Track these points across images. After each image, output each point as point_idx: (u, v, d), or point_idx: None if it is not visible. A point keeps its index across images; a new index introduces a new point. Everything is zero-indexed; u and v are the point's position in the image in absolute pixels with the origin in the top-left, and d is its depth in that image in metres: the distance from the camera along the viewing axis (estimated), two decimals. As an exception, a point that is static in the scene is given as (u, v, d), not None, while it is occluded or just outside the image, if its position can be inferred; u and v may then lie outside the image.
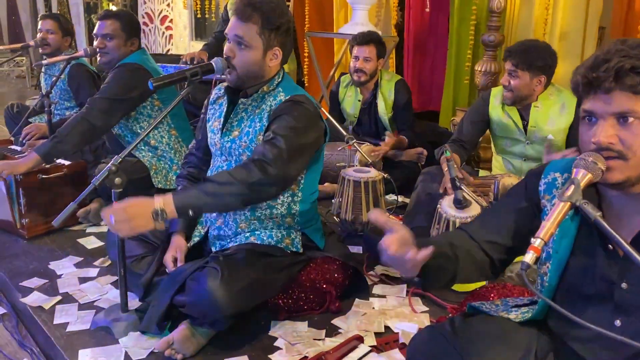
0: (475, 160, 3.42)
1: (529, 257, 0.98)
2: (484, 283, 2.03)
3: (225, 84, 1.85)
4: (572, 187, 1.01)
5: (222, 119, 1.84)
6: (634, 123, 1.02)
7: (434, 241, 1.20)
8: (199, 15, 6.18)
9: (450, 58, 4.05)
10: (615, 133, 1.04)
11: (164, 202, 1.49)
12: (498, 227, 1.29)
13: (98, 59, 2.68)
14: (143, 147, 2.66)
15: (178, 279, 1.67)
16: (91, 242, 2.51)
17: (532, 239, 0.99)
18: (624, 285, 1.12)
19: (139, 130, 2.65)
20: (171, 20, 6.51)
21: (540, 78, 2.41)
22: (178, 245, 1.82)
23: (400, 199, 2.98)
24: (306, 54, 4.49)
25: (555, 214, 1.00)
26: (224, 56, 1.73)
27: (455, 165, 2.21)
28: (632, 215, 1.12)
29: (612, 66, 1.02)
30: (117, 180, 1.67)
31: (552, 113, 2.46)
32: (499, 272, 1.34)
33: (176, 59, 4.33)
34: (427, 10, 4.07)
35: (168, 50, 6.60)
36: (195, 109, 3.87)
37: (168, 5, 6.46)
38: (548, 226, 0.99)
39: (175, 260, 1.80)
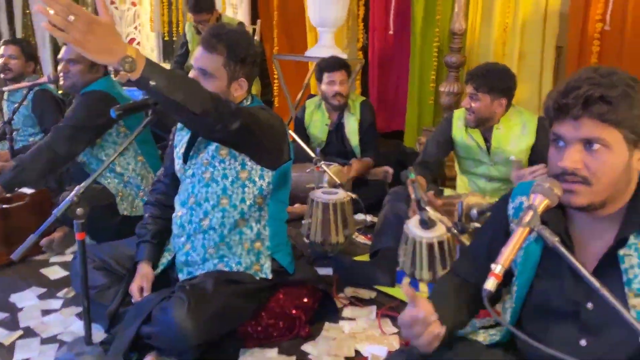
0: (441, 178, 3.48)
1: (489, 283, 1.00)
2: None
3: None
4: (531, 212, 1.04)
5: (185, 146, 1.83)
6: (600, 150, 1.05)
7: (446, 314, 1.21)
8: (166, 38, 6.16)
9: (413, 79, 4.14)
10: (582, 159, 1.06)
11: (137, 53, 1.29)
12: (485, 265, 1.30)
13: (60, 82, 2.65)
14: (109, 174, 2.63)
15: (144, 309, 1.65)
16: (55, 272, 2.45)
17: (493, 265, 1.01)
18: (589, 305, 1.14)
19: (104, 158, 2.61)
20: (138, 43, 6.47)
21: (501, 100, 2.48)
22: (144, 274, 1.79)
23: (369, 218, 3.00)
24: (275, 76, 4.52)
25: (515, 239, 1.03)
26: None
27: (420, 187, 2.25)
28: (598, 237, 1.15)
29: (582, 94, 1.04)
30: (79, 210, 1.64)
31: (514, 134, 2.53)
32: (496, 302, 1.36)
33: None
34: (391, 32, 4.16)
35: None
36: (164, 133, 3.84)
37: (135, 28, 6.42)
38: (507, 252, 1.02)
39: (141, 290, 1.77)
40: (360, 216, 3.04)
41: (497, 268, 1.01)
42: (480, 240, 1.39)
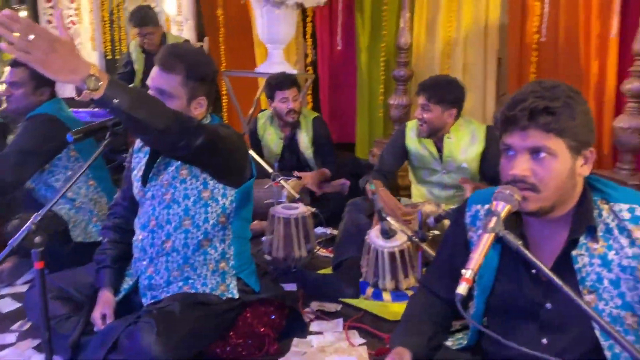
0: (395, 188, 3.56)
1: (461, 287, 1.04)
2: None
3: None
4: (494, 218, 1.09)
5: (143, 168, 1.81)
6: (546, 158, 1.14)
7: (415, 340, 1.32)
8: (109, 57, 6.03)
9: (362, 92, 4.23)
10: (529, 167, 1.14)
11: (99, 72, 1.29)
12: (450, 277, 1.35)
13: (3, 106, 2.56)
14: (60, 200, 2.54)
15: (109, 337, 1.60)
16: (7, 305, 2.33)
17: (463, 271, 1.05)
18: (548, 305, 1.22)
19: (54, 184, 2.52)
20: (79, 62, 6.31)
21: (451, 111, 2.58)
22: (106, 301, 1.74)
23: (329, 231, 3.03)
24: (224, 92, 4.51)
25: (482, 245, 1.08)
26: None
27: (380, 198, 2.30)
28: (551, 238, 1.23)
29: (527, 106, 1.13)
30: (38, 239, 1.58)
31: (464, 143, 2.63)
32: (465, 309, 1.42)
33: (87, 103, 4.18)
34: (339, 47, 4.24)
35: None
36: (112, 154, 3.76)
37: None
38: (476, 257, 1.07)
39: (104, 317, 1.72)
40: (320, 229, 3.06)
41: (468, 273, 1.05)
42: (443, 253, 1.45)
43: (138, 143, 1.90)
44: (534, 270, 1.22)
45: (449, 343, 1.41)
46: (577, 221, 1.20)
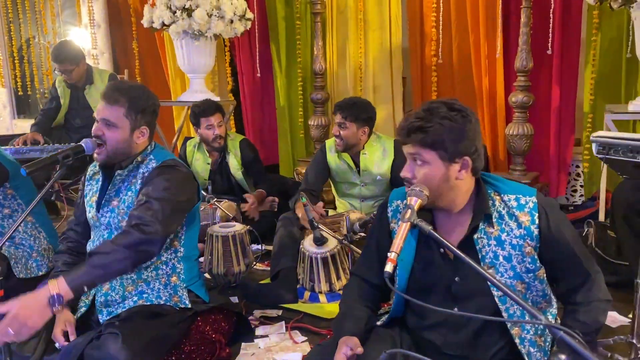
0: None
1: (388, 266, 1.30)
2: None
3: None
4: (410, 210, 1.37)
5: (98, 194, 1.94)
6: (422, 165, 1.45)
7: (356, 325, 1.55)
8: (20, 93, 5.91)
9: (282, 115, 4.50)
10: (412, 171, 1.46)
11: (58, 287, 1.54)
12: (377, 262, 1.63)
13: None
14: (-3, 238, 2.56)
15: (74, 352, 1.69)
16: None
17: (388, 253, 1.31)
18: (457, 279, 1.51)
19: (-9, 222, 2.54)
20: (-14, 100, 6.12)
21: (365, 129, 2.89)
22: (66, 319, 1.82)
23: (262, 246, 3.22)
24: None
25: (401, 232, 1.34)
26: (93, 135, 1.86)
27: (311, 209, 2.55)
28: (454, 228, 1.52)
29: (407, 125, 1.45)
30: (-3, 270, 1.67)
31: (377, 158, 2.94)
32: (388, 294, 1.71)
33: (3, 140, 4.11)
34: (258, 75, 4.50)
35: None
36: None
37: (-18, 84, 6.07)
38: (397, 242, 1.33)
39: (66, 335, 1.80)
40: (254, 246, 3.25)
41: (392, 255, 1.31)
42: (370, 244, 1.71)
43: (90, 171, 2.02)
44: (442, 250, 1.51)
45: (378, 323, 1.67)
46: (477, 212, 1.51)
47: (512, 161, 3.46)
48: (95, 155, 1.89)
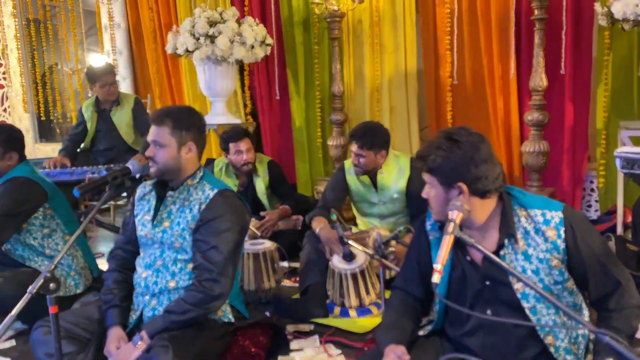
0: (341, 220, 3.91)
1: (435, 277, 1.39)
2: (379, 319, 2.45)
3: (149, 182, 2.08)
4: (452, 224, 1.46)
5: (152, 212, 2.05)
6: (429, 187, 1.62)
7: (401, 335, 1.64)
8: (43, 118, 6.07)
9: (300, 136, 4.61)
10: (427, 191, 1.64)
11: (143, 341, 1.83)
12: (420, 275, 1.74)
13: None
14: (36, 258, 2.65)
15: (126, 366, 1.79)
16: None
17: (435, 265, 1.40)
18: (487, 283, 1.60)
19: (32, 242, 2.64)
20: (8, 125, 6.28)
21: (382, 152, 2.97)
22: (120, 337, 1.90)
23: (287, 264, 3.30)
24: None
25: (445, 245, 1.43)
26: (146, 156, 1.99)
27: (340, 226, 2.63)
28: (480, 243, 1.58)
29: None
30: (52, 285, 1.75)
31: (394, 176, 3.02)
32: (429, 306, 1.79)
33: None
34: (277, 97, 4.63)
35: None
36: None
37: (5, 110, 6.23)
38: (442, 254, 1.42)
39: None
40: (280, 263, 3.33)
41: (438, 266, 1.40)
42: (411, 258, 1.81)
43: (139, 193, 2.13)
44: (468, 258, 1.61)
45: (421, 333, 1.75)
46: (503, 231, 1.60)
47: (529, 177, 3.55)
48: (150, 170, 2.02)
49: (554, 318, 1.56)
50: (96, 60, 5.57)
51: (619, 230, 3.18)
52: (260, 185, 3.60)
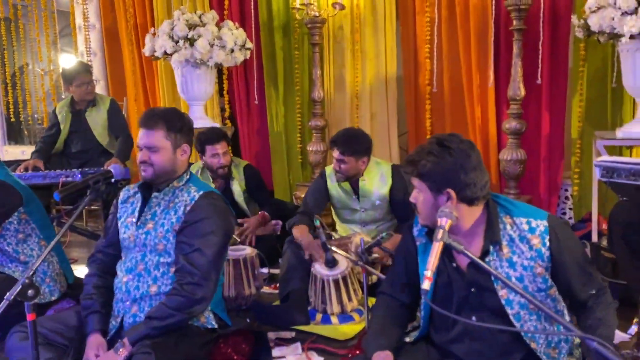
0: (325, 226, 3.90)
1: (425, 284, 1.39)
2: (363, 325, 2.45)
3: (132, 185, 2.04)
4: (441, 230, 1.47)
5: (136, 214, 2.00)
6: (417, 193, 1.63)
7: (388, 342, 1.65)
8: (12, 120, 5.91)
9: (278, 141, 4.59)
10: (415, 196, 1.65)
11: (125, 348, 1.80)
12: (407, 281, 1.75)
13: None
14: (10, 264, 2.57)
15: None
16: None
17: (425, 272, 1.41)
18: (473, 289, 1.61)
19: (6, 247, 2.55)
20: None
21: (364, 159, 2.98)
22: (99, 344, 1.86)
23: (266, 270, 3.26)
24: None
25: (435, 251, 1.44)
26: (139, 162, 1.94)
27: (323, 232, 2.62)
28: (468, 247, 1.60)
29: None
30: (30, 292, 1.70)
31: (375, 183, 3.04)
32: (415, 312, 1.80)
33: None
34: (256, 102, 4.60)
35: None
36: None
37: (-28, 111, 6.05)
38: (432, 261, 1.42)
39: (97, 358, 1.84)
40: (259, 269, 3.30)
41: (428, 273, 1.40)
42: (398, 264, 1.81)
43: (123, 196, 2.09)
44: (454, 264, 1.63)
45: (407, 339, 1.75)
46: (488, 237, 1.62)
47: (507, 185, 3.60)
48: (141, 173, 1.98)
49: (536, 324, 1.59)
50: (69, 61, 5.44)
51: (594, 237, 3.24)
52: (237, 188, 3.56)
